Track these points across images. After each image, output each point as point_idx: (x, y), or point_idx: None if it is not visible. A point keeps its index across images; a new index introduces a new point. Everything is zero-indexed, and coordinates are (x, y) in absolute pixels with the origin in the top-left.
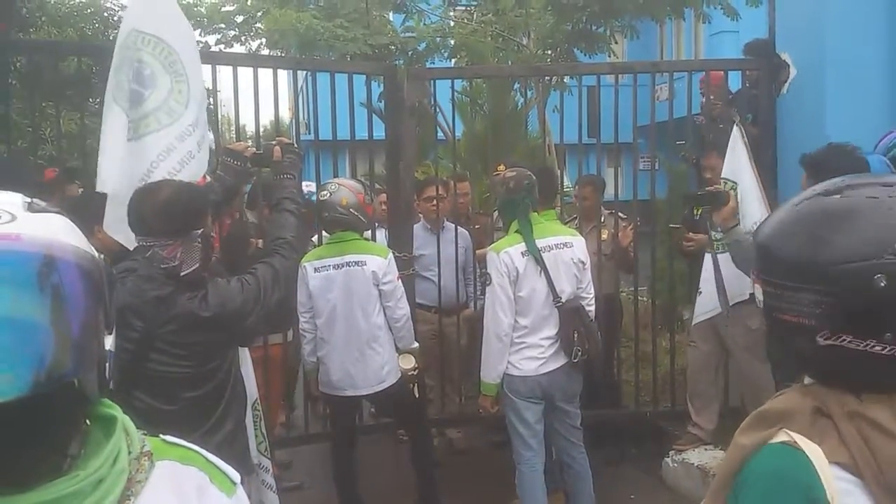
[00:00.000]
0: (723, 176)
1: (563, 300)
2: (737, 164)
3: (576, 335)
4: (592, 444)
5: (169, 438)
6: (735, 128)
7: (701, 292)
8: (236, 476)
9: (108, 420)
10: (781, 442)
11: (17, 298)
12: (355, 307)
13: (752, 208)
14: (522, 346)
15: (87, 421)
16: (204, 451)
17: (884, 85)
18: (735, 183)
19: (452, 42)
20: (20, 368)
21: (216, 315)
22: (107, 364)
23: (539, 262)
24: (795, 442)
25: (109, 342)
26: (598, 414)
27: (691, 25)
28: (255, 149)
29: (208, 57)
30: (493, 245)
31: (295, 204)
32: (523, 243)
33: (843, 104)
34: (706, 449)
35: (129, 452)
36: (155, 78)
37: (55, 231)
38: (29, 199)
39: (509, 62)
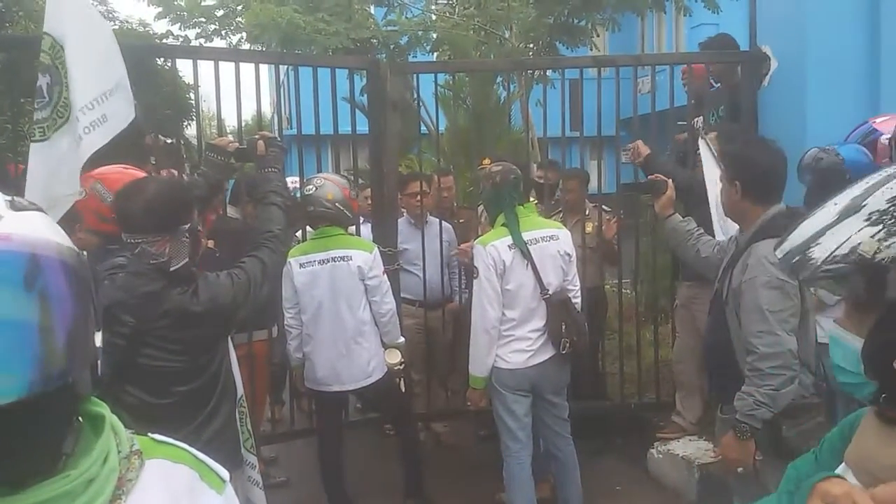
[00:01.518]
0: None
1: (551, 292)
2: (712, 177)
3: (563, 327)
4: (578, 435)
5: (158, 437)
6: (700, 142)
7: None
8: (225, 474)
9: (96, 418)
10: None
11: (10, 300)
12: (341, 302)
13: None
14: (510, 339)
15: (80, 418)
16: (193, 450)
17: (864, 77)
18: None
19: (434, 36)
20: (20, 370)
21: (207, 310)
22: (97, 361)
23: (526, 254)
24: None
25: (98, 339)
26: (583, 406)
27: (672, 18)
28: (237, 144)
29: (189, 52)
30: (479, 238)
31: (281, 197)
32: (509, 236)
33: (824, 96)
34: (690, 439)
35: (119, 451)
36: (52, 85)
37: (40, 229)
38: (10, 198)
39: (491, 56)
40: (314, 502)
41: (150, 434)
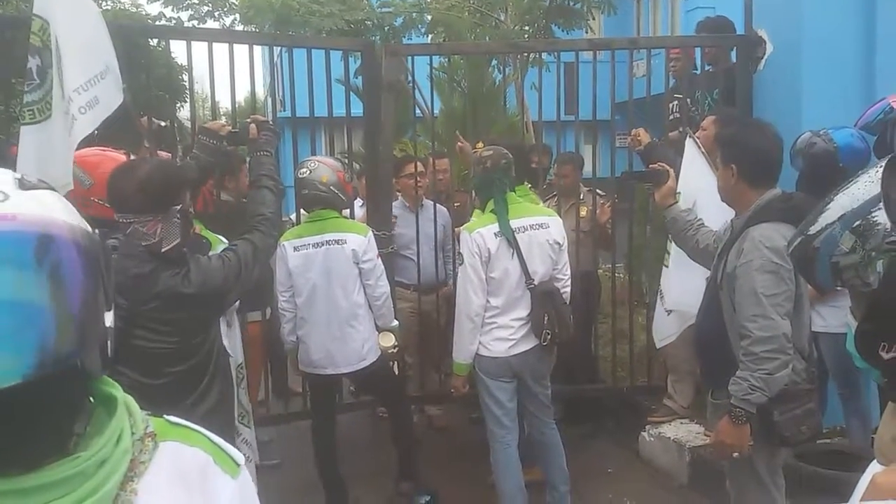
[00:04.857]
0: (679, 190)
1: (536, 282)
2: (697, 177)
3: (546, 318)
4: (570, 419)
5: (173, 419)
6: (688, 140)
7: (670, 312)
8: (240, 458)
9: (109, 399)
10: None
11: (17, 280)
12: (335, 286)
13: (720, 215)
14: (493, 327)
15: (91, 399)
16: (208, 433)
17: (860, 61)
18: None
19: (429, 18)
20: (24, 352)
21: (199, 292)
22: (108, 341)
23: (512, 243)
24: None
25: (109, 319)
26: (575, 389)
27: (668, 1)
28: (230, 128)
29: (183, 33)
30: (466, 225)
31: (273, 181)
32: (497, 223)
33: (820, 80)
34: (682, 423)
35: (133, 433)
36: (44, 68)
37: (50, 208)
38: (19, 176)
39: (487, 38)
40: (308, 485)
41: (165, 416)
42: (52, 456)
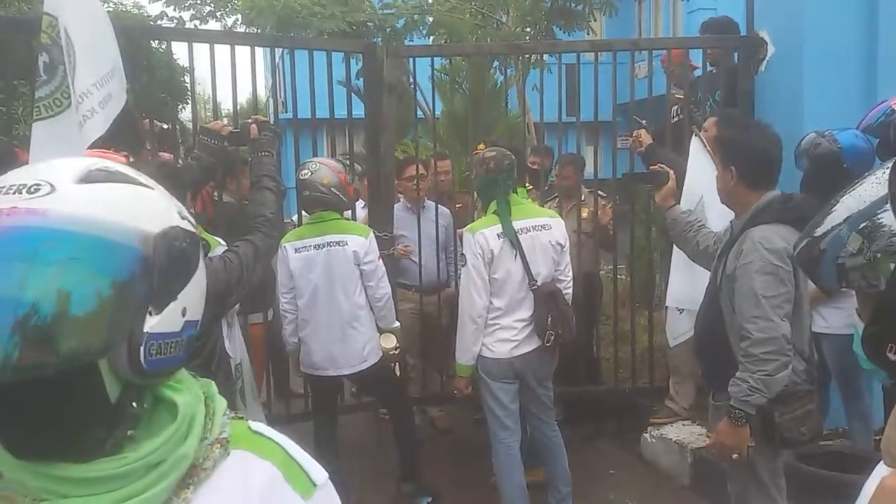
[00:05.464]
0: (689, 189)
1: (539, 283)
2: (702, 175)
3: (549, 319)
4: (572, 420)
5: (256, 426)
6: (694, 138)
7: (682, 310)
8: (321, 476)
9: (173, 403)
10: None
11: (27, 277)
12: (337, 287)
13: (726, 212)
14: (496, 328)
15: (135, 403)
16: (290, 446)
17: (861, 62)
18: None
19: (431, 19)
20: (15, 348)
21: None
22: (141, 346)
23: (514, 244)
24: None
25: (151, 323)
26: (577, 390)
27: (669, 2)
28: (232, 127)
29: (185, 34)
30: (469, 226)
31: (274, 181)
32: (499, 224)
33: (821, 82)
34: (684, 424)
35: (205, 437)
36: (54, 65)
37: (103, 205)
38: (92, 168)
39: (488, 40)
40: None
41: (249, 422)
42: (90, 453)
